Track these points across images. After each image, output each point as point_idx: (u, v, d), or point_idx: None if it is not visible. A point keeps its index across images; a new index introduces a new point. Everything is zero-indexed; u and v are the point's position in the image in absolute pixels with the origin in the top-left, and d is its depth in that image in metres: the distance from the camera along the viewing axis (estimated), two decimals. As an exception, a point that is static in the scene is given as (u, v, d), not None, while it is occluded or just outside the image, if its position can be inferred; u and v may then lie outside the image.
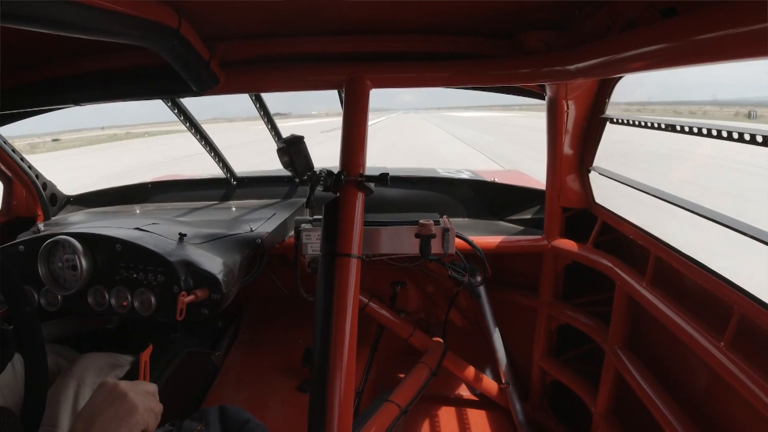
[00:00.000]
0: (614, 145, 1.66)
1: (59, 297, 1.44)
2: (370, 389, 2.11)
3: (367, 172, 1.21)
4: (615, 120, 1.48)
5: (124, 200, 2.40)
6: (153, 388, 0.89)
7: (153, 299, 1.39)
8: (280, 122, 2.25)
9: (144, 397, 0.84)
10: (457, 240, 1.54)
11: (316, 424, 1.07)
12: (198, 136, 2.22)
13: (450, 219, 1.57)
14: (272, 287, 2.23)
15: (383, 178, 1.21)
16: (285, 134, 1.42)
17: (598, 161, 1.68)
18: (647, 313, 1.33)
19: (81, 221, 1.99)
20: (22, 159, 1.98)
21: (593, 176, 1.71)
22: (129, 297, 1.41)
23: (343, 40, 1.28)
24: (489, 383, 2.08)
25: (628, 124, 1.41)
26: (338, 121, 1.27)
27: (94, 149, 34.63)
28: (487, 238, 1.85)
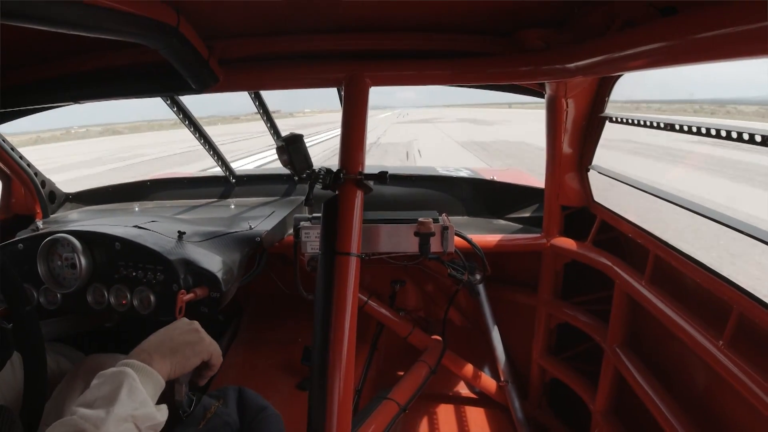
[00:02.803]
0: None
1: (58, 295, 1.44)
2: (370, 387, 2.11)
3: (366, 170, 1.21)
4: (614, 119, 1.48)
5: (123, 198, 2.40)
6: None
7: (152, 297, 1.39)
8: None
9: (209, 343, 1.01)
10: (456, 238, 1.54)
11: (316, 422, 1.07)
12: (197, 135, 2.22)
13: (449, 217, 1.57)
14: (271, 285, 2.23)
15: (382, 176, 1.21)
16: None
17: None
18: (646, 312, 1.33)
19: (80, 219, 1.99)
20: (21, 157, 1.98)
21: (592, 174, 1.71)
22: (128, 295, 1.41)
23: (343, 38, 1.28)
24: (488, 381, 2.09)
25: (627, 123, 1.41)
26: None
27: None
28: (486, 236, 1.85)
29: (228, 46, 1.28)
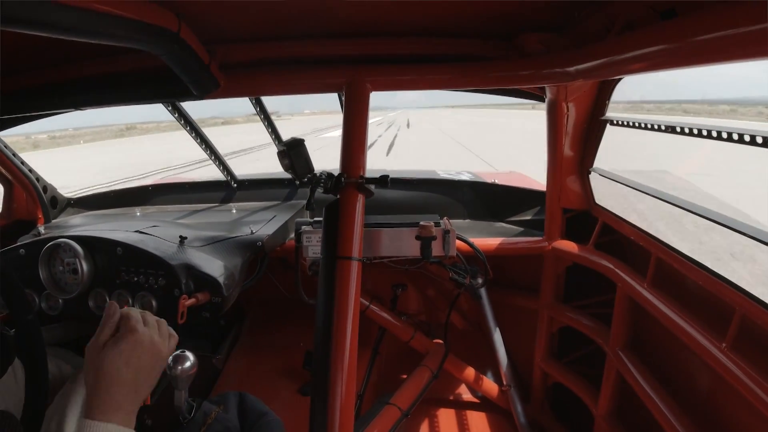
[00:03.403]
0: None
1: (60, 301, 1.44)
2: (372, 392, 2.11)
3: (367, 175, 1.22)
4: (615, 122, 1.48)
5: (124, 203, 2.40)
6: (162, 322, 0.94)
7: (154, 302, 1.39)
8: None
9: (167, 340, 0.90)
10: (457, 242, 1.54)
11: (318, 427, 1.06)
12: (198, 140, 2.23)
13: (450, 220, 1.57)
14: (273, 290, 2.23)
15: (383, 180, 1.21)
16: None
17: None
18: (648, 315, 1.33)
19: (81, 224, 1.99)
20: (23, 162, 1.98)
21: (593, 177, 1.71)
22: (130, 300, 1.41)
23: (343, 42, 1.29)
24: (490, 385, 2.08)
25: (628, 125, 1.41)
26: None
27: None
28: (487, 239, 1.85)
29: (229, 51, 1.29)
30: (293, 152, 1.29)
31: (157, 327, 0.89)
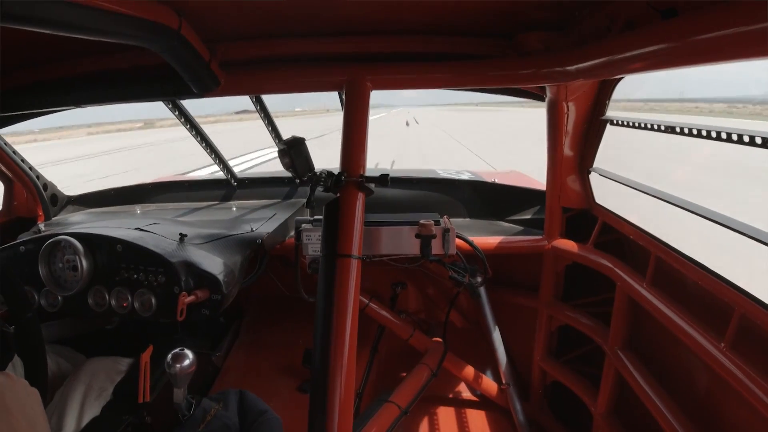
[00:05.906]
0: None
1: (59, 297, 1.44)
2: (371, 390, 2.11)
3: (367, 173, 1.22)
4: (615, 122, 1.48)
5: (124, 200, 2.40)
6: None
7: (153, 300, 1.39)
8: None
9: None
10: (457, 240, 1.54)
11: (317, 425, 1.07)
12: (198, 138, 2.23)
13: (450, 219, 1.57)
14: (273, 288, 2.23)
15: (383, 179, 1.21)
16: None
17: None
18: (648, 314, 1.33)
19: (82, 221, 2.00)
20: (23, 160, 1.98)
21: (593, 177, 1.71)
22: (129, 298, 1.41)
23: (344, 40, 1.29)
24: (489, 384, 2.08)
25: (628, 125, 1.41)
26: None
27: None
28: (487, 238, 1.85)
29: (229, 48, 1.28)
30: (293, 151, 1.29)
31: None
